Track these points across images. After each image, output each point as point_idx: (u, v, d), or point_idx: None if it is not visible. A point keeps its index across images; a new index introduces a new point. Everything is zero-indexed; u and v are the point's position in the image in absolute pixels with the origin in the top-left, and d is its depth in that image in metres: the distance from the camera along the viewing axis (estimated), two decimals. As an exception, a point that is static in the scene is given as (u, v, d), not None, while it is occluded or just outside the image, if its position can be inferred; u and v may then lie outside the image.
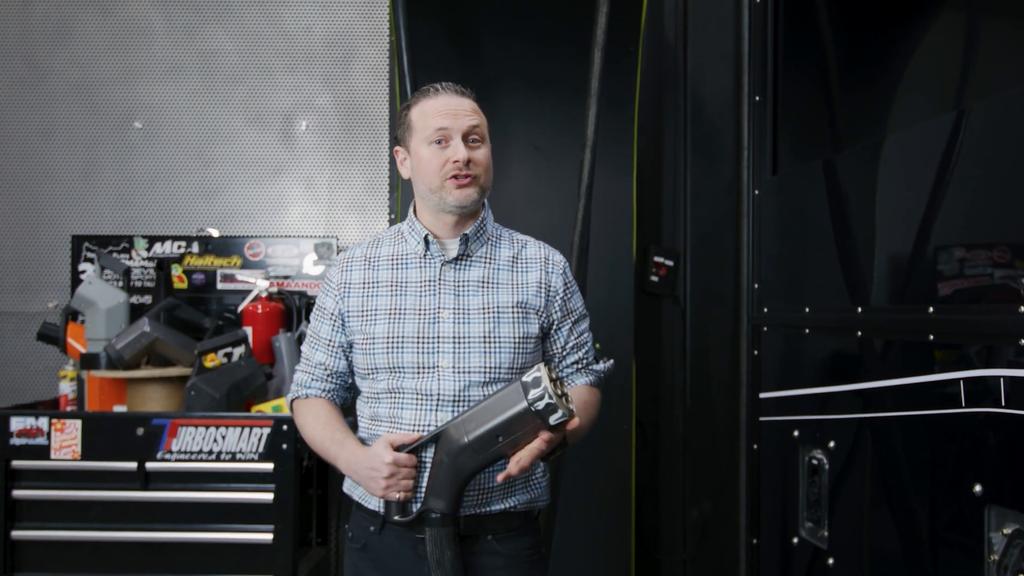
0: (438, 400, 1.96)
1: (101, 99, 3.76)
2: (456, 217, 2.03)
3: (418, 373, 1.97)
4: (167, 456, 2.80)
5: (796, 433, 2.47)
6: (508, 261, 2.08)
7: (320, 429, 2.06)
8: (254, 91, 3.78)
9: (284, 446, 2.79)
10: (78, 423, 2.82)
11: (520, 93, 3.31)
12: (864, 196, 2.20)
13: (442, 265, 2.04)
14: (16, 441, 2.81)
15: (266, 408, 2.92)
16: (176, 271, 3.53)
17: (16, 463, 2.81)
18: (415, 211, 2.11)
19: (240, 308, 3.38)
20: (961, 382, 1.71)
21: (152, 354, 3.02)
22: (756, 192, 2.86)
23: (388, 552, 1.98)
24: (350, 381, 2.13)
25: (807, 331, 2.48)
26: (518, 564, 2.01)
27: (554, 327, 2.10)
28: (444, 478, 1.85)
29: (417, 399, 1.96)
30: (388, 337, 1.99)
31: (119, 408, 2.99)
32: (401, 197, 3.31)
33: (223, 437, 2.80)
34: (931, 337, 1.83)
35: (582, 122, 2.92)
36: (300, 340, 3.33)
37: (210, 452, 2.80)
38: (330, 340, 2.09)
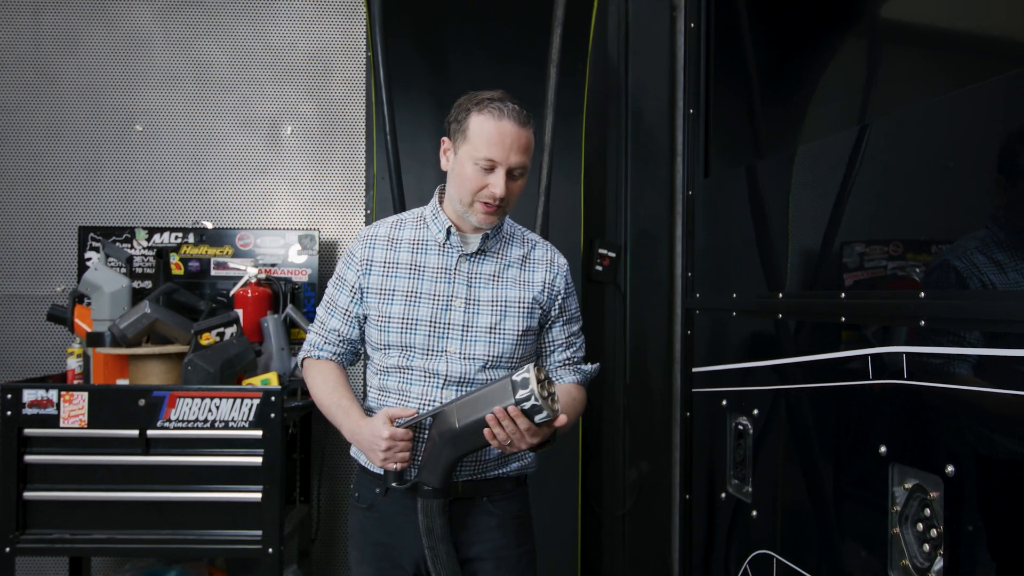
0: (444, 379, 1.92)
1: (105, 104, 3.68)
2: None
3: (427, 354, 1.92)
4: (166, 424, 2.74)
5: (724, 402, 2.49)
6: (518, 259, 2.03)
7: (328, 393, 2.02)
8: (244, 99, 3.72)
9: (272, 415, 2.75)
10: (85, 395, 2.75)
11: (483, 104, 3.29)
12: (782, 197, 2.22)
13: (459, 256, 1.97)
14: (28, 411, 2.73)
15: (255, 381, 2.88)
16: (174, 259, 3.46)
17: (28, 431, 2.73)
18: (440, 200, 2.02)
19: (232, 292, 3.33)
20: (868, 357, 1.73)
21: (152, 333, 2.96)
22: (690, 193, 2.87)
23: (392, 511, 1.95)
24: (359, 348, 2.08)
25: (733, 314, 2.49)
26: (509, 523, 2.01)
27: (549, 323, 2.06)
28: (436, 456, 1.82)
29: (425, 377, 1.92)
30: (403, 318, 1.93)
31: (122, 381, 2.92)
32: (376, 196, 3.28)
33: (217, 407, 2.75)
34: (842, 319, 1.85)
35: (539, 130, 2.91)
36: (286, 321, 3.29)
37: (205, 421, 2.75)
38: (346, 310, 2.02)
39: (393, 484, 1.88)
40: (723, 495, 2.47)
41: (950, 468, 1.48)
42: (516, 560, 2.01)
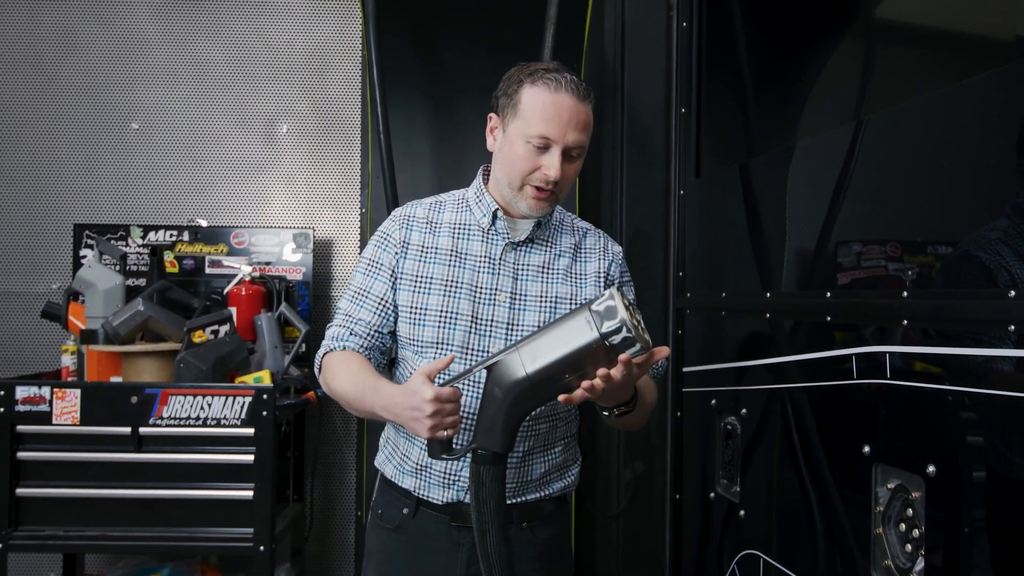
0: (483, 385, 1.63)
1: (102, 102, 3.68)
2: None
3: (466, 353, 1.69)
4: (158, 422, 2.74)
5: (713, 402, 2.49)
6: (569, 249, 1.80)
7: (352, 378, 1.69)
8: (240, 97, 3.72)
9: (264, 413, 2.75)
10: (78, 392, 2.75)
11: (478, 101, 3.25)
12: (773, 196, 2.21)
13: (505, 244, 1.75)
14: (21, 408, 2.73)
15: (248, 379, 2.88)
16: (168, 257, 3.47)
17: (21, 427, 2.74)
18: (484, 180, 1.82)
19: (226, 290, 3.33)
20: (853, 357, 1.73)
21: (145, 331, 2.96)
22: (681, 192, 2.87)
23: (422, 534, 1.73)
24: (388, 347, 1.81)
25: (724, 313, 2.49)
26: (549, 551, 1.80)
27: None
28: (497, 414, 1.49)
29: (461, 381, 1.65)
30: (441, 311, 1.70)
31: (115, 379, 2.93)
32: (371, 194, 3.28)
33: (209, 405, 2.76)
34: (828, 319, 1.85)
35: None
36: (280, 320, 3.29)
37: (197, 418, 2.75)
38: (382, 298, 1.75)
39: (443, 456, 1.56)
40: (712, 495, 2.46)
41: (931, 468, 1.47)
42: None
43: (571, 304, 1.74)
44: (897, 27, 1.97)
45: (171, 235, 3.48)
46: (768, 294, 2.17)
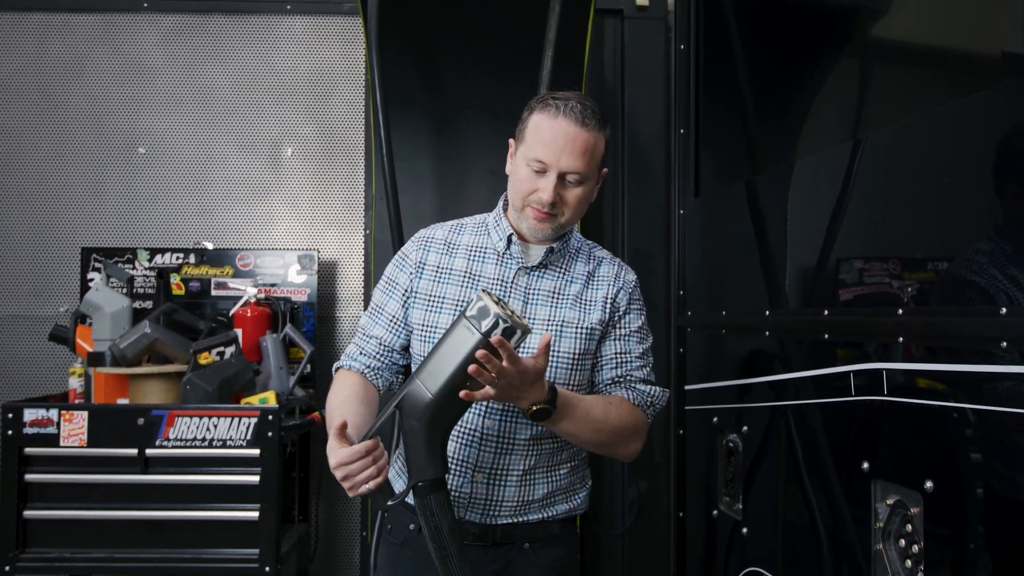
0: (487, 406, 1.71)
1: (108, 127, 3.73)
2: None
3: None
4: (165, 443, 2.76)
5: (715, 420, 2.50)
6: (582, 276, 1.82)
7: (335, 407, 1.74)
8: (245, 121, 3.76)
9: (269, 434, 2.77)
10: (85, 414, 2.77)
11: (478, 122, 3.32)
12: (772, 215, 2.24)
13: (518, 269, 1.79)
14: (29, 430, 2.76)
15: (254, 400, 2.90)
16: (175, 279, 3.49)
17: (29, 450, 2.76)
18: (504, 206, 1.85)
19: (231, 312, 3.35)
20: (852, 374, 1.75)
21: (152, 353, 2.99)
22: (681, 212, 2.90)
23: (426, 551, 1.64)
24: (402, 362, 1.85)
25: (724, 332, 2.51)
26: (556, 574, 1.78)
27: (601, 338, 1.82)
28: (420, 443, 1.52)
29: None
30: None
31: (122, 401, 2.95)
32: (375, 216, 3.31)
33: (215, 426, 2.77)
34: (826, 336, 1.87)
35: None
36: (285, 341, 3.32)
37: (203, 439, 2.77)
38: (394, 316, 1.81)
39: (388, 504, 1.64)
40: (715, 513, 2.48)
41: (929, 484, 1.49)
42: None
43: (576, 327, 1.77)
44: (895, 46, 2.00)
45: (177, 258, 3.51)
46: (768, 312, 2.19)
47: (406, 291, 1.81)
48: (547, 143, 1.68)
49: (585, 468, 1.90)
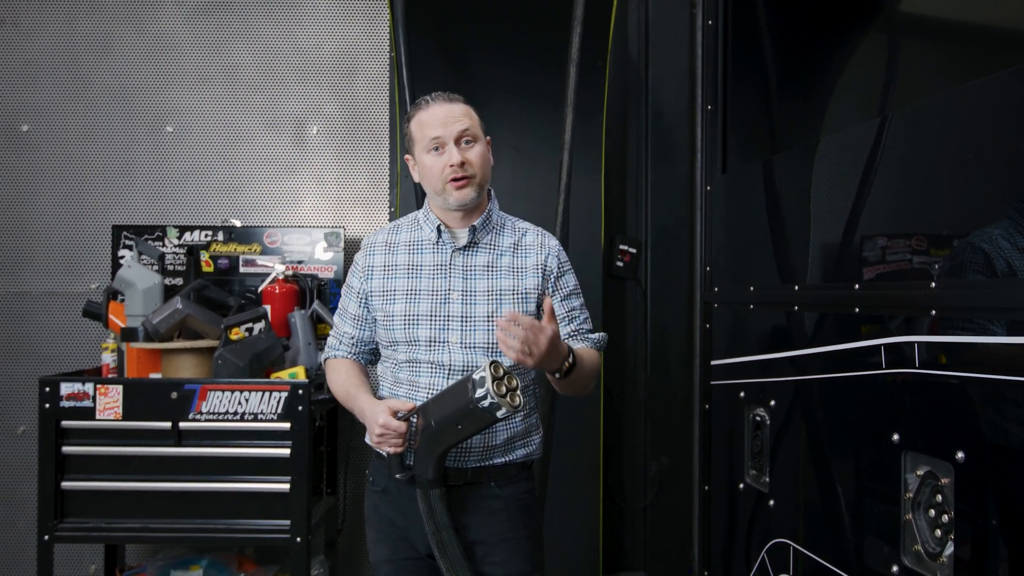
0: (449, 369, 2.00)
1: (137, 105, 3.76)
2: (462, 212, 2.04)
3: (431, 347, 2.00)
4: (197, 417, 2.81)
5: (742, 394, 2.51)
6: (510, 248, 2.09)
7: (341, 382, 2.12)
8: (271, 99, 3.78)
9: (299, 408, 2.81)
10: (120, 388, 2.83)
11: (503, 102, 3.33)
12: (799, 191, 2.23)
13: (452, 252, 2.05)
14: (65, 404, 2.81)
15: (283, 375, 2.94)
16: (204, 256, 3.53)
17: (65, 423, 2.82)
18: (430, 205, 2.12)
19: (260, 289, 3.40)
20: (882, 348, 1.75)
21: (184, 328, 3.03)
22: (708, 188, 2.89)
23: (404, 495, 2.02)
24: (373, 346, 2.17)
25: (751, 307, 2.51)
26: (515, 506, 2.07)
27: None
28: (424, 449, 1.89)
29: (432, 368, 2.00)
30: (405, 315, 2.02)
31: (155, 375, 3.00)
32: (400, 192, 3.33)
33: (246, 400, 2.82)
34: (856, 310, 1.87)
35: (559, 128, 2.94)
36: (312, 317, 3.35)
37: (235, 413, 2.82)
38: (356, 315, 2.13)
39: (397, 476, 1.96)
40: (741, 486, 2.49)
41: (960, 454, 1.50)
42: (523, 541, 2.07)
43: (514, 294, 2.04)
44: (922, 22, 1.99)
45: (206, 235, 3.55)
46: (795, 287, 2.20)
47: (360, 293, 2.12)
48: (434, 124, 1.99)
49: (536, 417, 2.17)
